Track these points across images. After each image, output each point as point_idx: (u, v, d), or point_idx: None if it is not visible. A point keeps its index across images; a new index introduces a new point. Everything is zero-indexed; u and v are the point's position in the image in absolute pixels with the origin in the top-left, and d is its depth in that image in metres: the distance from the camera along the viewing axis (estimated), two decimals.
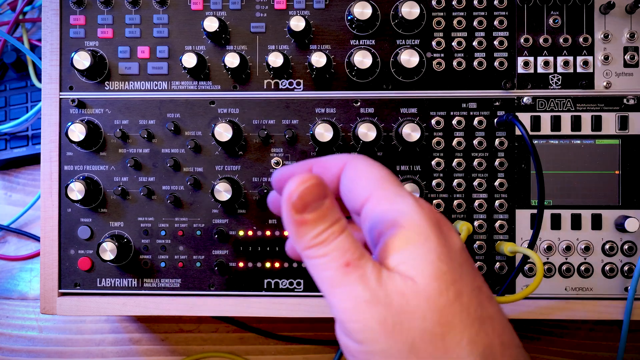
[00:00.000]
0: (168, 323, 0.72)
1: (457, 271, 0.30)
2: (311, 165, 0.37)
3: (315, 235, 0.31)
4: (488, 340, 0.30)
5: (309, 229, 0.31)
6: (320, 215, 0.31)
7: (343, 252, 0.30)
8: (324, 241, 0.31)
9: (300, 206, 0.30)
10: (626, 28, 0.59)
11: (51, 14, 0.61)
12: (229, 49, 0.60)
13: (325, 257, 0.31)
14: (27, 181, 0.78)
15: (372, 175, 0.34)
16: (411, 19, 0.58)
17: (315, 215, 0.31)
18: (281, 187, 0.36)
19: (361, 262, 0.30)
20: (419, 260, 0.30)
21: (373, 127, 0.57)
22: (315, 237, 0.31)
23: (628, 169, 0.59)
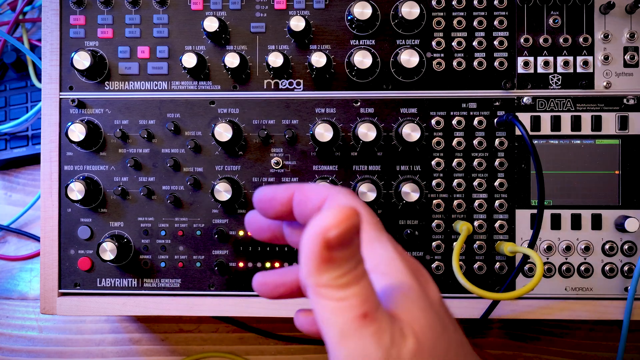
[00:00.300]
0: (168, 323, 0.72)
1: (440, 325, 0.29)
2: (293, 190, 0.34)
3: (338, 276, 0.27)
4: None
5: (332, 268, 0.27)
6: (348, 255, 0.27)
7: (363, 301, 0.27)
8: (345, 284, 0.28)
9: (335, 245, 0.27)
10: (626, 28, 0.59)
11: (51, 14, 0.61)
12: (229, 49, 0.60)
13: (342, 302, 0.27)
14: (27, 181, 0.78)
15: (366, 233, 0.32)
16: (411, 19, 0.58)
17: (344, 254, 0.27)
18: (265, 208, 0.35)
19: (378, 315, 0.28)
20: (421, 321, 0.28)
21: (373, 127, 0.57)
22: (337, 278, 0.27)
23: (628, 169, 0.59)
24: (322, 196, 0.33)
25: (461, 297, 0.59)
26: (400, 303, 0.29)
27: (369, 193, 0.57)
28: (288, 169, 0.60)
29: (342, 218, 0.26)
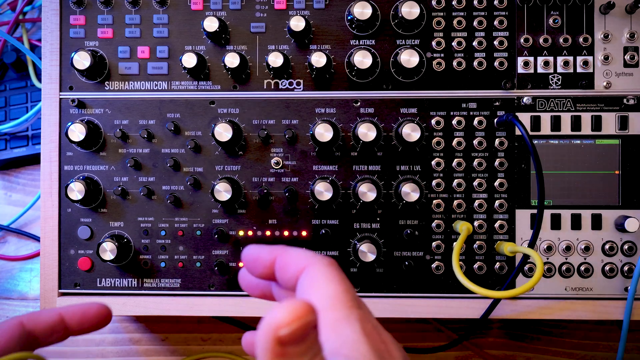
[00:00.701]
0: (168, 323, 0.72)
1: None
2: (276, 255, 0.35)
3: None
4: None
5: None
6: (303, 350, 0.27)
7: None
8: None
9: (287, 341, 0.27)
10: (626, 28, 0.59)
11: (51, 14, 0.61)
12: (229, 49, 0.60)
13: None
14: (27, 181, 0.78)
15: (325, 292, 0.31)
16: (411, 19, 0.58)
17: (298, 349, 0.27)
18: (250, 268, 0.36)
19: None
20: None
21: (373, 127, 0.57)
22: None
23: (628, 169, 0.59)
24: (300, 265, 0.33)
25: (461, 297, 0.59)
26: None
27: (369, 193, 0.57)
28: (288, 169, 0.60)
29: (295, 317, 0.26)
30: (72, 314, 0.44)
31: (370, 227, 0.60)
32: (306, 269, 0.33)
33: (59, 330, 0.43)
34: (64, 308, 0.44)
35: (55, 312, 0.43)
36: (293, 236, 0.60)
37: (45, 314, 0.43)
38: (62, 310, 0.44)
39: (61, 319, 0.44)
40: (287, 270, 0.34)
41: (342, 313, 0.31)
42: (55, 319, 0.43)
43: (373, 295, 0.59)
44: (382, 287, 0.59)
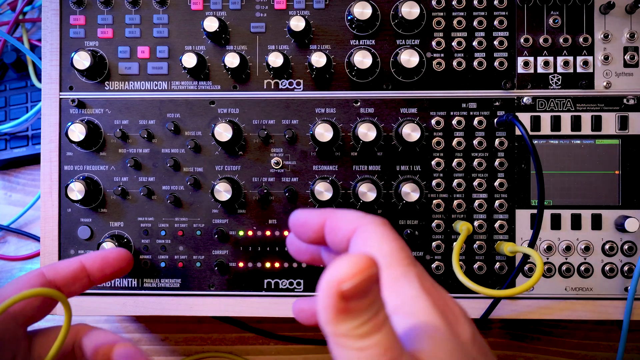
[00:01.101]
0: (168, 323, 0.72)
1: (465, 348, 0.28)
2: (325, 217, 0.33)
3: (356, 326, 0.26)
4: None
5: (350, 318, 0.26)
6: (367, 305, 0.26)
7: (384, 350, 0.26)
8: (364, 334, 0.26)
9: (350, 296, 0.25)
10: (626, 28, 0.59)
11: (51, 14, 0.61)
12: (229, 49, 0.60)
13: (362, 351, 0.26)
14: (27, 181, 0.78)
15: (380, 250, 0.31)
16: (411, 19, 0.58)
17: (361, 304, 0.26)
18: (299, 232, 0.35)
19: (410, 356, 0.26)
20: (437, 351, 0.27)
21: (373, 127, 0.57)
22: (356, 328, 0.26)
23: (628, 169, 0.59)
24: (352, 227, 0.32)
25: (461, 297, 0.59)
26: (425, 346, 0.27)
27: (369, 193, 0.57)
28: (288, 168, 0.60)
29: (357, 270, 0.25)
30: (92, 261, 0.44)
31: None
32: (358, 230, 0.32)
33: (81, 278, 0.43)
34: (84, 256, 0.44)
35: (75, 260, 0.43)
36: None
37: (66, 263, 0.43)
38: (83, 258, 0.44)
39: (82, 266, 0.43)
40: (338, 233, 0.33)
41: (400, 270, 0.30)
42: (76, 267, 0.43)
43: None
44: None
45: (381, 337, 0.26)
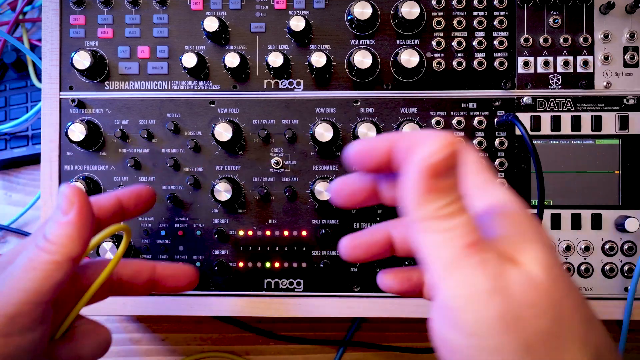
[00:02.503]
0: (168, 323, 0.72)
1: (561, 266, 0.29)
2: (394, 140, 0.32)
3: (443, 206, 0.27)
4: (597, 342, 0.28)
5: (437, 198, 0.27)
6: (452, 185, 0.27)
7: (468, 231, 0.27)
8: (450, 214, 0.27)
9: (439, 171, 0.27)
10: (626, 28, 0.59)
11: (51, 14, 0.61)
12: (229, 49, 0.60)
13: (448, 232, 0.27)
14: (27, 181, 0.78)
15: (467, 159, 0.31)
16: (411, 19, 0.58)
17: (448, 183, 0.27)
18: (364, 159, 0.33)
19: (484, 246, 0.27)
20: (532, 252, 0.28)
21: (373, 127, 0.57)
22: (442, 208, 0.27)
23: (628, 169, 0.59)
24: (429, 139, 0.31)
25: None
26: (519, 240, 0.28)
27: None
28: (288, 168, 0.60)
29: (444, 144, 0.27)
30: (127, 197, 0.45)
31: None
32: None
33: (118, 212, 0.45)
34: (119, 191, 0.45)
35: (113, 195, 0.44)
36: (293, 236, 0.60)
37: (106, 197, 0.44)
38: (119, 194, 0.45)
39: (119, 201, 0.45)
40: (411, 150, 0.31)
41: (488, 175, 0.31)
42: (114, 202, 0.44)
43: (373, 295, 0.59)
44: None
45: (465, 219, 0.27)
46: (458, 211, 0.27)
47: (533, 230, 0.29)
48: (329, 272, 0.59)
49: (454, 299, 0.27)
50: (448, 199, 0.27)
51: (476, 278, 0.27)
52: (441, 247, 0.27)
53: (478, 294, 0.26)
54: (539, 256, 0.28)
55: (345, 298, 0.59)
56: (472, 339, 0.27)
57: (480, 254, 0.27)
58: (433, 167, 0.27)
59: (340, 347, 0.71)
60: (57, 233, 0.37)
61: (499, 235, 0.29)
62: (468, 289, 0.27)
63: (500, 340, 0.26)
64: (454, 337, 0.28)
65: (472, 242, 0.27)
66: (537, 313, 0.27)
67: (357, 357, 0.72)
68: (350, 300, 0.59)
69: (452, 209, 0.27)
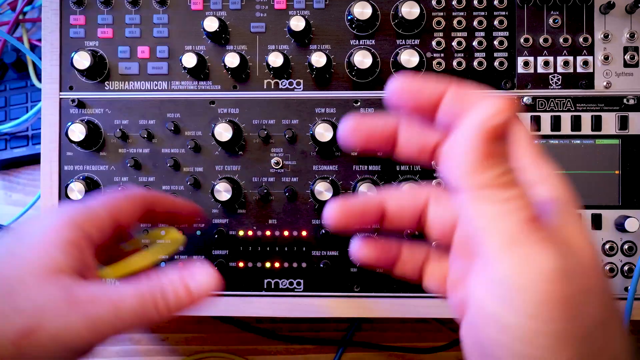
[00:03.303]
0: (168, 323, 0.72)
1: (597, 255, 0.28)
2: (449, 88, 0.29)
3: (501, 173, 0.25)
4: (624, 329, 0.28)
5: (495, 164, 0.25)
6: (507, 152, 0.26)
7: (527, 204, 0.25)
8: (509, 183, 0.25)
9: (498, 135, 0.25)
10: (626, 28, 0.59)
11: (51, 14, 0.61)
12: (229, 49, 0.60)
13: (507, 203, 0.25)
14: (27, 181, 0.78)
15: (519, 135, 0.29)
16: (411, 19, 0.58)
17: (504, 149, 0.26)
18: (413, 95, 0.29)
19: (543, 223, 0.25)
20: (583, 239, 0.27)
21: None
22: (501, 175, 0.25)
23: (628, 169, 0.59)
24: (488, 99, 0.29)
25: None
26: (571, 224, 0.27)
27: (369, 193, 0.57)
28: (288, 168, 0.60)
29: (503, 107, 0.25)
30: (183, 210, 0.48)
31: (370, 227, 0.59)
32: None
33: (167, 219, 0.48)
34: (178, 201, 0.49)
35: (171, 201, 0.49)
36: (293, 236, 0.60)
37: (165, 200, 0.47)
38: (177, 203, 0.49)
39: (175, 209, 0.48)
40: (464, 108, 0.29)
41: (539, 150, 0.29)
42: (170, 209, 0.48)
43: (373, 295, 0.59)
44: (383, 287, 0.59)
45: (522, 191, 0.26)
46: (514, 181, 0.26)
47: (578, 218, 0.28)
48: (329, 272, 0.59)
49: (516, 277, 0.25)
50: (505, 166, 0.26)
51: (541, 256, 0.25)
52: (500, 220, 0.25)
53: (544, 273, 0.24)
54: (587, 243, 0.27)
55: (345, 298, 0.59)
56: (532, 321, 0.25)
57: (542, 231, 0.25)
58: (494, 130, 0.25)
59: (340, 347, 0.71)
60: None
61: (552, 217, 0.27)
62: (532, 267, 0.25)
63: (562, 325, 0.25)
64: (509, 319, 0.25)
65: (533, 217, 0.25)
66: (595, 300, 0.26)
67: (357, 357, 0.72)
68: (350, 300, 0.59)
69: (509, 177, 0.26)
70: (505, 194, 0.25)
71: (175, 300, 0.35)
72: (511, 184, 0.26)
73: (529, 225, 0.25)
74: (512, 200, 0.25)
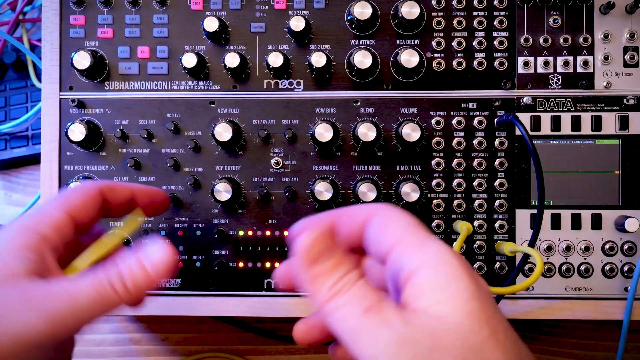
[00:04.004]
0: (168, 323, 0.72)
1: (490, 310, 0.30)
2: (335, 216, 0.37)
3: (331, 285, 0.31)
4: None
5: (324, 281, 0.31)
6: (334, 265, 0.31)
7: (361, 299, 0.30)
8: (340, 290, 0.31)
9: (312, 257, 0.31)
10: (626, 28, 0.59)
11: (51, 14, 0.61)
12: (229, 49, 0.60)
13: (344, 307, 0.30)
14: (27, 181, 0.78)
15: (401, 221, 0.34)
16: (411, 19, 0.58)
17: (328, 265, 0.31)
18: None
19: (382, 306, 0.30)
20: (452, 300, 0.30)
21: (373, 127, 0.57)
22: (331, 287, 0.31)
23: (628, 169, 0.59)
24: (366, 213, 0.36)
25: None
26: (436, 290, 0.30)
27: (369, 193, 0.57)
28: (288, 168, 0.60)
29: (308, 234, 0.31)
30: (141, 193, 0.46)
31: None
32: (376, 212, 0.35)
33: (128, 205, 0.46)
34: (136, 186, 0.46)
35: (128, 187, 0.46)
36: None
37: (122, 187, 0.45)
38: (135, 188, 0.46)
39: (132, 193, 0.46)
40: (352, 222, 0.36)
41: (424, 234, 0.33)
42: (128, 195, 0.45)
43: None
44: None
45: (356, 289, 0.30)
46: (348, 284, 0.31)
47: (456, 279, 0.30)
48: None
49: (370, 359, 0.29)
50: (335, 276, 0.31)
51: (382, 335, 0.29)
52: (344, 322, 0.30)
53: (388, 346, 0.28)
54: (457, 303, 0.29)
55: None
56: None
57: (379, 314, 0.29)
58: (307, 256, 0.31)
59: None
60: None
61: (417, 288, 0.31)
62: (378, 346, 0.28)
63: None
64: None
65: (369, 306, 0.30)
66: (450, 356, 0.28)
67: None
68: None
69: (341, 284, 0.31)
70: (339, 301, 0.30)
71: (133, 280, 0.37)
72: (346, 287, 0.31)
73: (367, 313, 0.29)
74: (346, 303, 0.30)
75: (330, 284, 0.31)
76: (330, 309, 0.31)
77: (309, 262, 0.31)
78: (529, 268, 0.59)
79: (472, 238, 0.59)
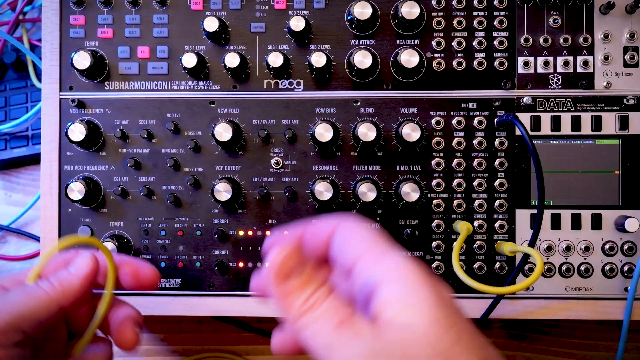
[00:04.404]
0: (168, 323, 0.72)
1: (453, 316, 0.31)
2: (301, 231, 0.37)
3: (303, 301, 0.31)
4: None
5: (296, 297, 0.32)
6: (305, 281, 0.32)
7: (333, 314, 0.31)
8: (312, 306, 0.31)
9: (283, 275, 0.32)
10: (626, 28, 0.59)
11: (51, 14, 0.61)
12: (229, 49, 0.60)
13: (316, 322, 0.31)
14: (27, 181, 0.78)
15: (362, 236, 0.35)
16: (411, 19, 0.58)
17: (299, 281, 0.32)
18: None
19: (353, 319, 0.30)
20: (415, 309, 0.30)
21: (373, 127, 0.57)
22: (303, 303, 0.31)
23: (628, 169, 0.59)
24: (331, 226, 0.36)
25: (462, 297, 0.59)
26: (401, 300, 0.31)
27: (369, 193, 0.57)
28: (288, 168, 0.60)
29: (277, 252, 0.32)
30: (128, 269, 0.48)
31: None
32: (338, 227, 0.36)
33: None
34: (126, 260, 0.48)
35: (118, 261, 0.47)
36: None
37: None
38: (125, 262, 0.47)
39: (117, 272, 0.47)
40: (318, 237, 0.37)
41: (383, 248, 0.34)
42: None
43: None
44: None
45: (328, 303, 0.31)
46: (320, 299, 0.31)
47: (416, 289, 0.31)
48: None
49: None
50: (307, 292, 0.32)
51: (354, 348, 0.29)
52: (317, 337, 0.31)
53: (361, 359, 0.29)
54: (421, 312, 0.30)
55: None
56: None
57: (351, 328, 0.30)
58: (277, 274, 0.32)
59: None
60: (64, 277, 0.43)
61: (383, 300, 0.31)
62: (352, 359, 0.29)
63: None
64: None
65: (341, 320, 0.30)
66: None
67: None
68: None
69: (313, 299, 0.31)
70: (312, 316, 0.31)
71: (58, 279, 0.42)
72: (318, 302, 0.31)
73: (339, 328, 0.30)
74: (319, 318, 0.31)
75: (302, 300, 0.31)
76: (302, 324, 0.31)
77: (280, 278, 0.32)
78: (529, 268, 0.59)
79: (472, 238, 0.59)
